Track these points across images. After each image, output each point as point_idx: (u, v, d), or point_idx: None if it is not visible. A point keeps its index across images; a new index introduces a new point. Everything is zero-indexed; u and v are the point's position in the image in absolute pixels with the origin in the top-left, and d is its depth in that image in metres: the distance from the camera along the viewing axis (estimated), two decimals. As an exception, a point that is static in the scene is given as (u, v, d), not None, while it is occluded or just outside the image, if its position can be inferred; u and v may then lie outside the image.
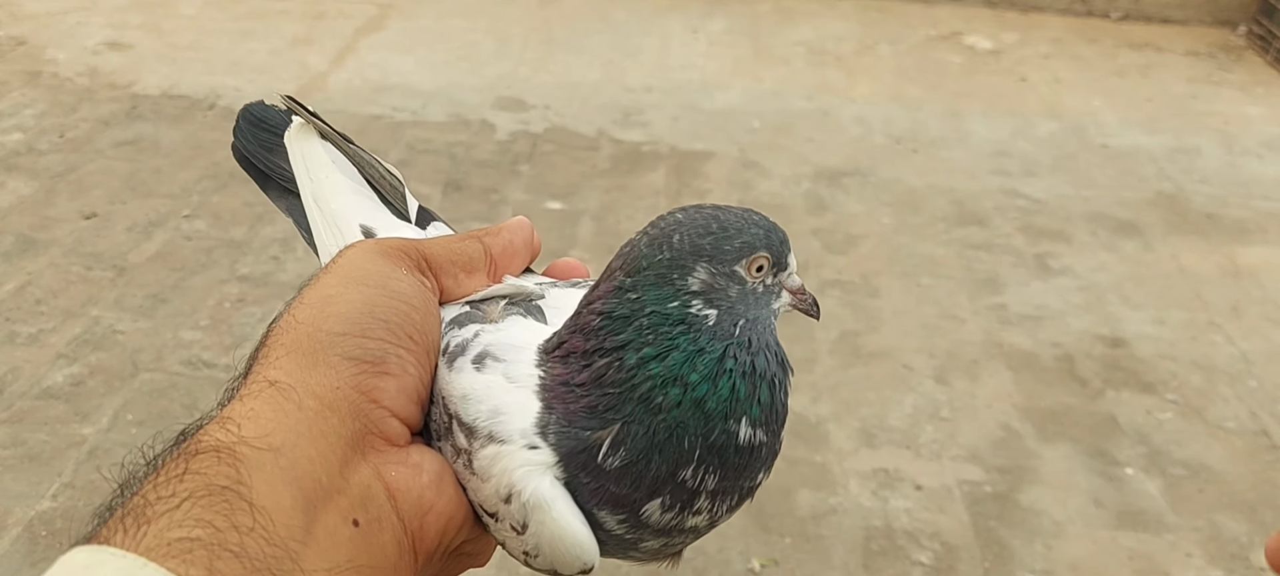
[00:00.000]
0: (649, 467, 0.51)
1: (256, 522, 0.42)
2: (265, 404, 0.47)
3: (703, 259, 0.53)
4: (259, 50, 4.35)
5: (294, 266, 2.92)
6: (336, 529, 0.45)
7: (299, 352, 0.50)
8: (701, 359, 0.51)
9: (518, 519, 0.51)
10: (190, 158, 3.49)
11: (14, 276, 2.80)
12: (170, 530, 0.40)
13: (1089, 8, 5.52)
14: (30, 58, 4.18)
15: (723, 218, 0.55)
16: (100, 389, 2.41)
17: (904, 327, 2.86)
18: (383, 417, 0.50)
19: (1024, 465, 2.40)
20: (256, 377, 0.49)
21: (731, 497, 0.53)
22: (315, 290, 0.53)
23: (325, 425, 0.47)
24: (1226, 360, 2.80)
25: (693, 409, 0.51)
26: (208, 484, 0.42)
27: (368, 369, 0.50)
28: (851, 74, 4.63)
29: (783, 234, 0.56)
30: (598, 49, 4.68)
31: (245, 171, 0.75)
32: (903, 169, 3.77)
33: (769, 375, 0.53)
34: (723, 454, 0.51)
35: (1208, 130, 4.28)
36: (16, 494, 2.12)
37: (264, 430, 0.45)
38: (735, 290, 0.53)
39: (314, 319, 0.51)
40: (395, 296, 0.53)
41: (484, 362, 0.54)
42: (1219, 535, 2.24)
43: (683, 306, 0.52)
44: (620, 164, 3.65)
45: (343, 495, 0.46)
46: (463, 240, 0.61)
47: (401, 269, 0.56)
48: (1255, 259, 3.33)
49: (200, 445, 0.44)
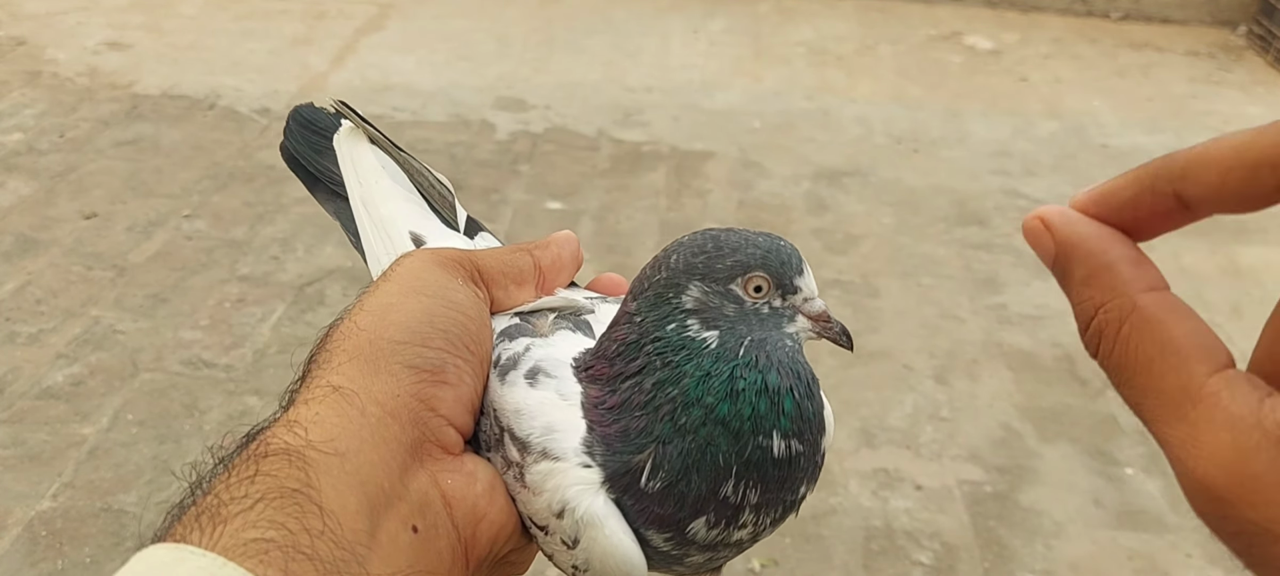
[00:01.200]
0: (690, 487, 0.51)
1: (326, 526, 0.43)
2: (330, 409, 0.48)
3: (695, 277, 0.53)
4: (259, 50, 4.35)
5: (294, 266, 2.93)
6: (398, 534, 0.46)
7: (361, 359, 0.51)
8: (711, 382, 0.52)
9: (570, 534, 0.52)
10: (190, 158, 3.49)
11: (14, 276, 2.80)
12: (246, 530, 0.41)
13: (1089, 8, 5.52)
14: (30, 58, 4.18)
15: (723, 238, 0.55)
16: (100, 389, 2.41)
17: (904, 327, 2.86)
18: (440, 426, 0.51)
19: (1024, 465, 2.40)
20: (319, 382, 0.50)
21: (775, 510, 0.53)
22: (376, 298, 0.54)
23: (387, 432, 0.48)
24: (1227, 360, 2.80)
25: (719, 428, 0.51)
26: (279, 486, 0.43)
27: (428, 377, 0.51)
28: (852, 74, 4.63)
29: (789, 257, 0.55)
30: (598, 49, 4.68)
31: (293, 172, 0.75)
32: (903, 169, 3.77)
33: (786, 388, 0.52)
34: (761, 468, 0.52)
35: (1208, 130, 4.28)
36: (16, 494, 2.12)
37: (330, 434, 0.46)
38: (732, 309, 0.53)
39: (375, 326, 0.52)
40: (452, 306, 0.54)
41: (537, 378, 0.55)
42: (1219, 535, 2.24)
43: (680, 328, 0.53)
44: (620, 164, 3.65)
45: (403, 501, 0.48)
46: (513, 253, 0.62)
47: (458, 279, 0.57)
48: (1255, 259, 3.33)
49: (269, 447, 0.45)
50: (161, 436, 2.27)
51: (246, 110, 3.83)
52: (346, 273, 2.90)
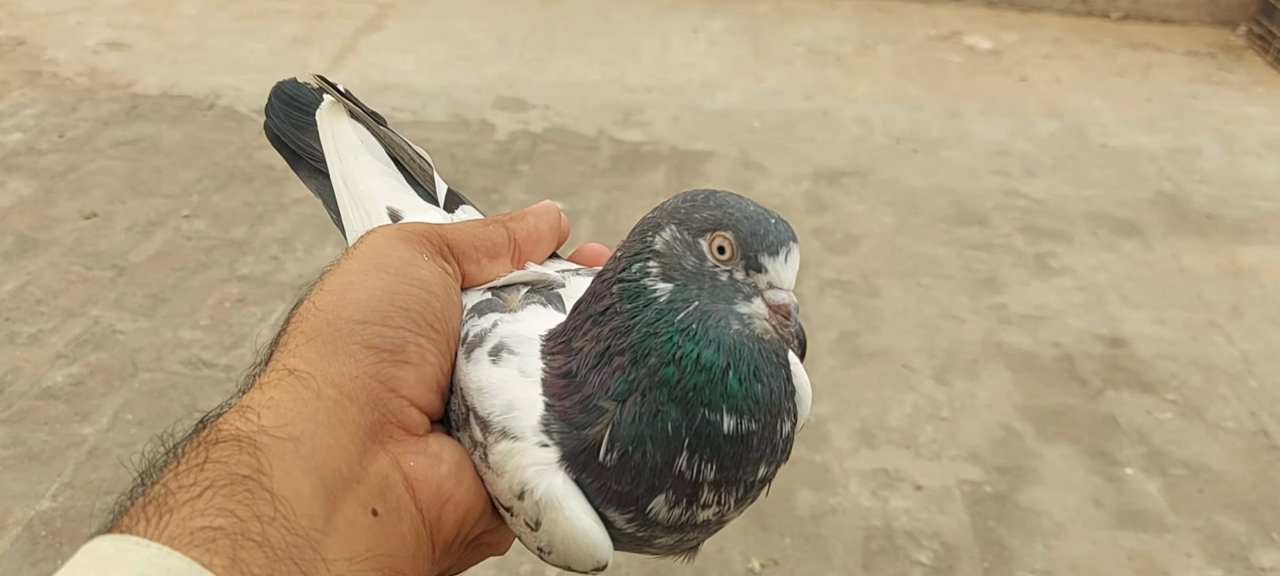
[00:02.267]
0: (645, 460, 0.50)
1: (278, 512, 0.42)
2: (284, 392, 0.47)
3: (674, 221, 0.52)
4: (259, 50, 4.35)
5: (294, 266, 2.93)
6: (356, 518, 0.45)
7: (318, 340, 0.49)
8: (656, 340, 0.50)
9: (531, 516, 0.51)
10: (190, 158, 3.49)
11: (14, 276, 2.80)
12: (193, 519, 0.40)
13: (1089, 8, 5.52)
14: (30, 58, 4.17)
15: (720, 195, 0.53)
16: (100, 389, 2.41)
17: (904, 327, 2.86)
18: (402, 407, 0.50)
19: (1024, 465, 2.40)
20: (276, 365, 0.49)
21: (736, 490, 0.52)
22: (336, 276, 0.53)
23: (344, 414, 0.47)
24: (1226, 360, 2.80)
25: (664, 391, 0.49)
26: (229, 473, 0.42)
27: (387, 357, 0.50)
28: (852, 74, 4.63)
29: (767, 232, 0.51)
30: (598, 49, 4.68)
31: (276, 150, 0.74)
32: (903, 169, 3.77)
33: (724, 365, 0.50)
34: (713, 443, 0.50)
35: (1208, 130, 4.28)
36: (16, 494, 2.12)
37: (283, 419, 0.45)
38: (691, 264, 0.51)
39: (334, 306, 0.51)
40: (416, 283, 0.53)
41: (500, 355, 0.54)
42: (1219, 535, 2.24)
43: (642, 271, 0.51)
44: (620, 164, 3.65)
45: (362, 485, 0.46)
46: (486, 225, 0.60)
47: (423, 255, 0.55)
48: (1255, 259, 3.33)
49: (220, 433, 0.44)
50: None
51: (246, 110, 3.83)
52: (346, 272, 2.90)
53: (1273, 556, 2.20)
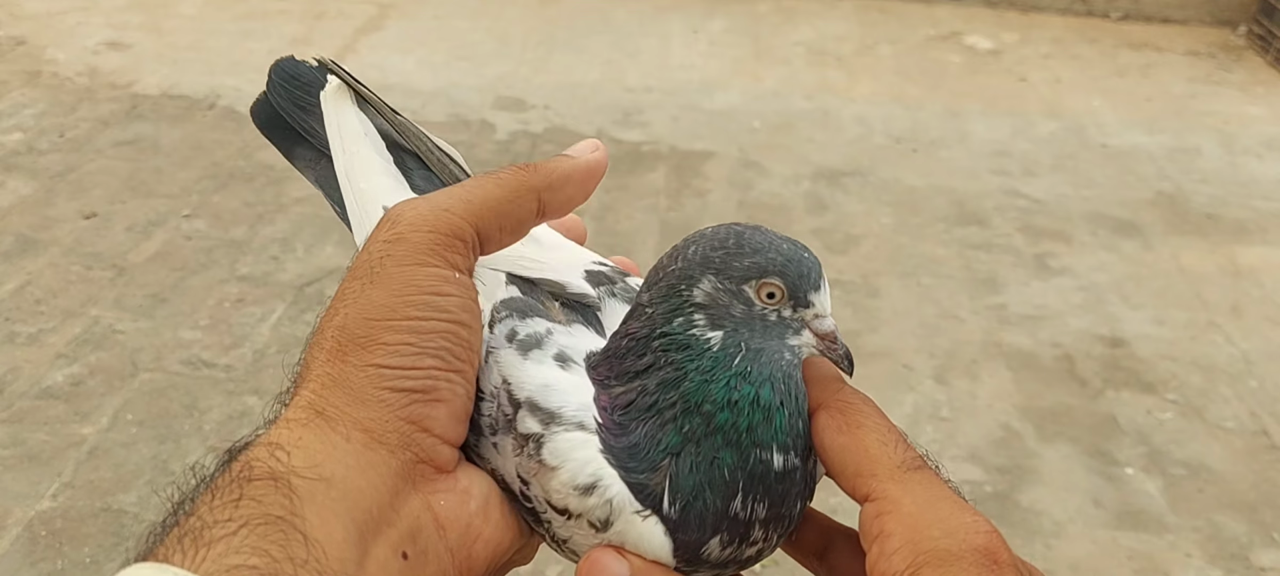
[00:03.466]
0: (706, 507, 0.50)
1: (310, 554, 0.42)
2: (313, 433, 0.47)
3: (710, 271, 0.52)
4: (259, 50, 4.35)
5: (294, 266, 2.93)
6: (387, 562, 0.46)
7: (344, 387, 0.49)
8: (710, 388, 0.51)
9: (599, 515, 0.50)
10: (190, 158, 3.49)
11: (14, 276, 2.80)
12: (228, 555, 0.41)
13: (1089, 8, 5.52)
14: (30, 58, 4.17)
15: (746, 236, 0.53)
16: (100, 389, 2.41)
17: (904, 327, 2.86)
18: (434, 445, 0.50)
19: (1024, 465, 2.40)
20: (302, 401, 0.49)
21: (780, 526, 0.53)
22: (360, 304, 0.51)
23: (374, 457, 0.48)
24: (1226, 360, 2.80)
25: (720, 437, 0.50)
26: (264, 513, 0.43)
27: (419, 398, 0.49)
28: (851, 74, 4.63)
29: (809, 269, 0.53)
30: (598, 49, 4.68)
31: (265, 134, 0.71)
32: (903, 169, 3.77)
33: (778, 403, 0.52)
34: (765, 482, 0.51)
35: (1208, 130, 4.28)
36: (16, 494, 2.12)
37: (313, 460, 0.46)
38: (740, 311, 0.52)
39: (361, 349, 0.49)
40: (445, 316, 0.51)
41: (567, 364, 0.54)
42: (1219, 535, 2.24)
43: (686, 324, 0.52)
44: (620, 164, 3.65)
45: (392, 527, 0.47)
46: (516, 199, 0.56)
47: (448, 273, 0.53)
48: (1255, 259, 3.33)
49: (253, 471, 0.44)
50: (161, 436, 2.27)
51: (246, 110, 3.79)
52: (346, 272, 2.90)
53: (1273, 556, 2.20)
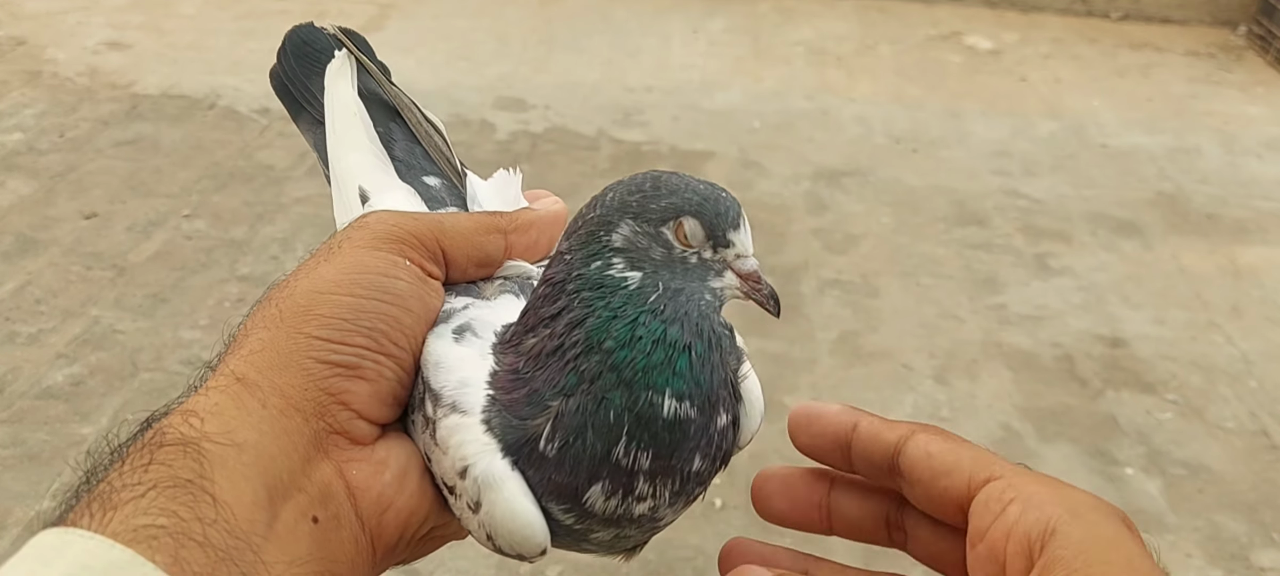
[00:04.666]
0: (584, 448, 0.50)
1: (219, 515, 0.43)
2: (230, 399, 0.48)
3: (628, 215, 0.52)
4: (259, 50, 4.35)
5: (294, 265, 2.92)
6: (296, 525, 0.47)
7: (273, 350, 0.50)
8: (616, 324, 0.50)
9: (472, 496, 0.51)
10: (190, 157, 3.49)
11: (14, 276, 2.80)
12: (136, 516, 0.41)
13: (1089, 8, 5.52)
14: (30, 58, 4.18)
15: (662, 179, 0.53)
16: (100, 389, 2.41)
17: (904, 327, 2.86)
18: (349, 419, 0.51)
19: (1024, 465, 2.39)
20: (226, 369, 0.50)
21: (671, 482, 0.51)
22: (310, 278, 0.53)
23: (289, 423, 0.49)
24: (1226, 360, 2.80)
25: (614, 377, 0.49)
26: (173, 476, 0.43)
27: (342, 372, 0.50)
28: (851, 74, 4.63)
29: (726, 208, 0.52)
30: (598, 49, 4.68)
31: (279, 97, 0.73)
32: (903, 169, 3.77)
33: (684, 345, 0.50)
34: (650, 428, 0.50)
35: (1208, 130, 4.28)
36: (16, 494, 2.12)
37: (227, 426, 0.47)
38: (659, 253, 0.52)
39: (297, 316, 0.51)
40: (388, 298, 0.53)
41: (463, 335, 0.54)
42: (1219, 535, 2.24)
43: (604, 266, 0.51)
44: (620, 164, 3.65)
45: (303, 492, 0.48)
46: (486, 234, 0.59)
47: (403, 263, 0.55)
48: (1255, 259, 3.33)
49: (165, 437, 0.45)
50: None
51: (246, 110, 3.83)
52: (346, 272, 2.90)
53: (1273, 556, 2.20)
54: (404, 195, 0.65)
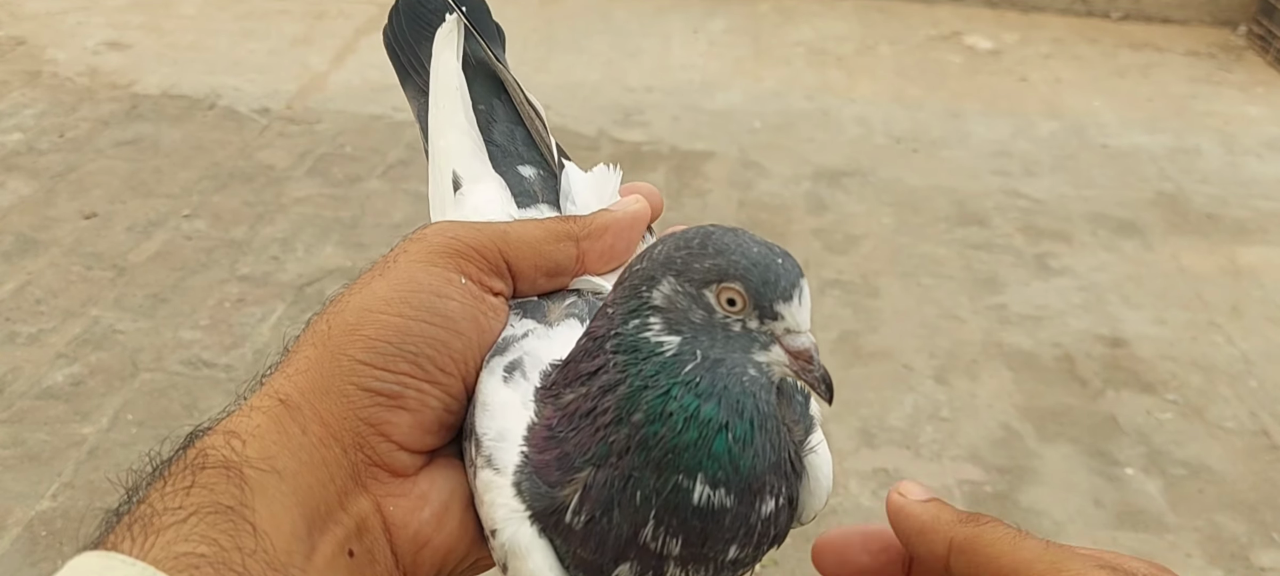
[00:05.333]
0: (610, 526, 0.47)
1: (258, 545, 0.42)
2: (272, 423, 0.47)
3: (671, 272, 0.48)
4: (259, 50, 4.35)
5: (294, 266, 2.93)
6: (334, 557, 0.46)
7: (317, 372, 0.49)
8: (647, 395, 0.46)
9: (500, 558, 0.49)
10: (190, 157, 3.49)
11: (14, 276, 2.80)
12: (177, 543, 0.41)
13: (1089, 8, 5.52)
14: (30, 58, 4.17)
15: (715, 237, 0.48)
16: (100, 389, 2.41)
17: (904, 327, 2.86)
18: (390, 451, 0.49)
19: (1024, 465, 2.40)
20: (272, 388, 0.49)
21: (704, 569, 0.48)
22: (362, 296, 0.51)
23: (328, 454, 0.48)
24: (1226, 360, 2.80)
25: (643, 456, 0.46)
26: (215, 502, 0.43)
27: (383, 402, 0.49)
28: (852, 74, 4.63)
29: (778, 276, 0.47)
30: (598, 49, 4.68)
31: (390, 61, 0.69)
32: (903, 169, 3.77)
33: (720, 424, 0.46)
34: (679, 514, 0.46)
35: (1208, 130, 4.28)
36: (16, 494, 2.12)
37: (268, 452, 0.46)
38: (699, 316, 0.47)
39: (344, 337, 0.50)
40: (438, 320, 0.51)
41: (513, 374, 0.51)
42: (1219, 535, 2.24)
43: (641, 326, 0.47)
44: (621, 164, 3.58)
45: (340, 525, 0.47)
46: (557, 242, 0.56)
47: (459, 282, 0.52)
48: (1255, 259, 3.33)
49: (207, 459, 0.45)
50: (161, 436, 2.25)
51: (246, 110, 3.83)
52: (346, 272, 2.90)
53: (1273, 556, 2.20)
54: (495, 187, 0.62)
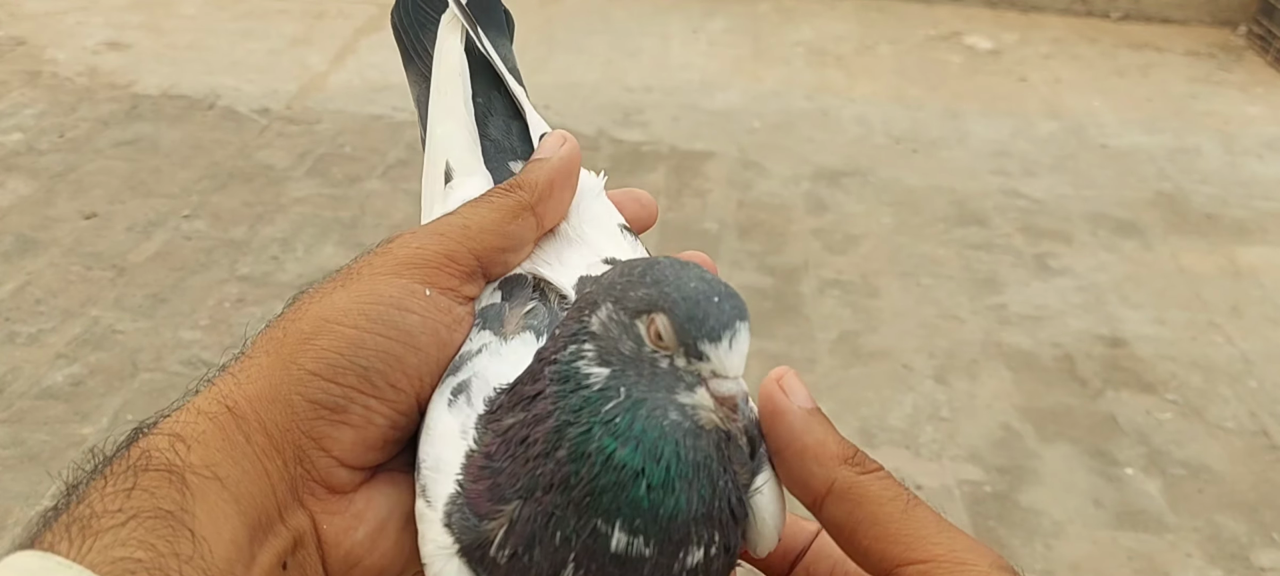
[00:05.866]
0: (531, 564, 0.45)
1: (196, 551, 0.42)
2: (216, 429, 0.47)
3: (610, 299, 0.46)
4: (259, 50, 4.35)
5: (294, 266, 2.93)
6: (272, 569, 0.46)
7: (267, 380, 0.49)
8: (571, 431, 0.44)
9: None
10: (190, 158, 3.49)
11: (14, 276, 2.80)
12: (115, 547, 0.41)
13: (1089, 8, 5.52)
14: (30, 58, 4.17)
15: (661, 267, 0.46)
16: (100, 389, 2.41)
17: (904, 327, 2.86)
18: (329, 466, 0.49)
19: (1024, 465, 2.40)
20: (221, 390, 0.49)
21: None
22: (322, 303, 0.51)
23: (270, 464, 0.47)
24: (1226, 360, 2.80)
25: (563, 496, 0.44)
26: (155, 506, 0.43)
27: (326, 415, 0.48)
28: (851, 74, 4.63)
29: (708, 314, 0.43)
30: (598, 49, 4.68)
31: (397, 43, 0.67)
32: (903, 169, 3.77)
33: (634, 471, 0.43)
34: (597, 559, 0.44)
35: (1208, 130, 4.28)
36: (16, 494, 2.12)
37: (211, 459, 0.46)
38: (629, 348, 0.45)
39: (298, 345, 0.49)
40: (394, 334, 0.50)
41: (458, 398, 0.49)
42: (1219, 535, 2.24)
43: (576, 353, 0.45)
44: (620, 164, 3.65)
45: (279, 537, 0.47)
46: (513, 219, 0.55)
47: (427, 291, 0.51)
48: (1255, 259, 3.33)
49: (150, 461, 0.44)
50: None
51: (246, 110, 3.83)
52: (346, 273, 2.90)
53: (1273, 556, 2.20)
54: (484, 183, 0.60)
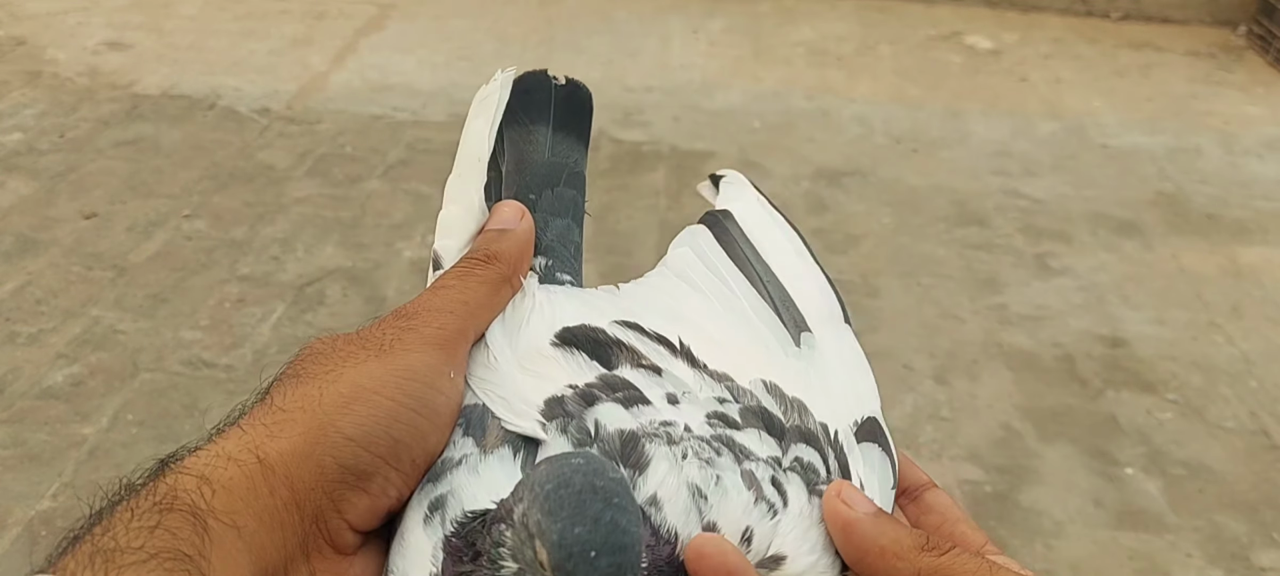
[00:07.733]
0: None
1: None
2: (244, 478, 0.48)
3: (524, 501, 0.45)
4: (259, 50, 4.35)
5: (294, 266, 2.93)
6: None
7: (303, 437, 0.50)
8: None
9: None
10: (190, 158, 3.49)
11: (14, 276, 2.80)
12: None
13: (1089, 8, 5.52)
14: (30, 58, 4.18)
15: (559, 495, 0.43)
16: (100, 389, 2.41)
17: (904, 327, 2.86)
18: (341, 528, 0.50)
19: (1024, 465, 2.40)
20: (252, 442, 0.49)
21: None
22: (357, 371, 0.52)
23: (288, 518, 0.49)
24: (1227, 360, 2.80)
25: None
26: (175, 548, 0.44)
27: (350, 480, 0.50)
28: (851, 74, 4.63)
29: (579, 563, 0.42)
30: (598, 49, 4.68)
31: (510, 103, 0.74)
32: (903, 169, 3.77)
33: None
34: None
35: (1208, 130, 4.28)
36: (16, 494, 2.12)
37: (233, 507, 0.47)
38: (527, 556, 0.44)
39: (337, 409, 0.51)
40: (424, 412, 0.52)
41: (434, 515, 0.50)
42: (1219, 535, 2.24)
43: (500, 537, 0.45)
44: (620, 164, 3.65)
45: None
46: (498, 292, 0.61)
47: (449, 374, 0.54)
48: (1255, 259, 3.33)
49: (176, 502, 0.46)
50: (161, 436, 2.27)
51: (246, 110, 3.83)
52: (346, 273, 2.90)
53: (1273, 556, 2.20)
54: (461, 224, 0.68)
